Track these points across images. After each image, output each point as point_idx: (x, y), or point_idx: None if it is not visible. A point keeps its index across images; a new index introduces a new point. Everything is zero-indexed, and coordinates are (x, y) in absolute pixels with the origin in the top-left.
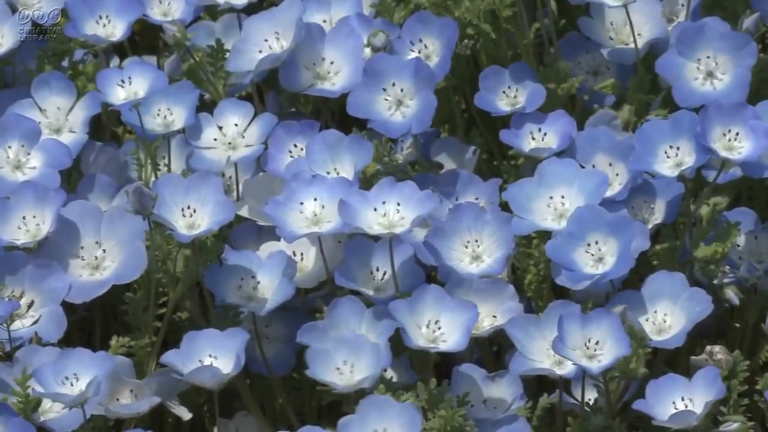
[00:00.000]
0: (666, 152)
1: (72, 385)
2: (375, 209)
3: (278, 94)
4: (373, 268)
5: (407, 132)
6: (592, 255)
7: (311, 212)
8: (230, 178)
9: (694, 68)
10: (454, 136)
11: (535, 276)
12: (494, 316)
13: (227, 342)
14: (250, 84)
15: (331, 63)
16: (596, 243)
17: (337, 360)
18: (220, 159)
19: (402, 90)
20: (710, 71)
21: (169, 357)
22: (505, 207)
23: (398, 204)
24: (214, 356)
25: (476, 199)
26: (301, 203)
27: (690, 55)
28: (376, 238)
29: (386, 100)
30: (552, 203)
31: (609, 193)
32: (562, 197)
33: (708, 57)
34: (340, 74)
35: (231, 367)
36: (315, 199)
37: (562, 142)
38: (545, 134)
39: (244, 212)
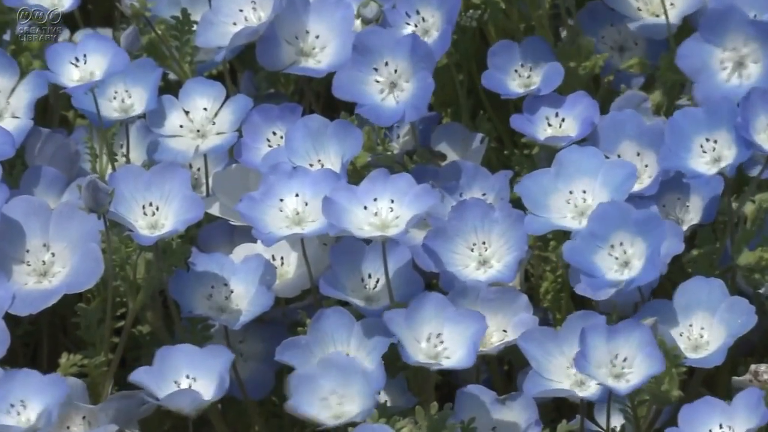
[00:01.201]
0: (702, 146)
1: (18, 413)
2: (365, 207)
3: (254, 74)
4: (364, 274)
5: (400, 119)
6: (617, 258)
7: (292, 210)
8: (198, 170)
9: (719, 57)
10: (458, 121)
11: (552, 284)
12: (505, 330)
13: (208, 361)
14: (222, 62)
15: (316, 37)
16: (621, 245)
17: (325, 387)
18: (186, 148)
19: (396, 70)
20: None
21: (139, 376)
22: (517, 203)
23: (392, 201)
24: (192, 377)
25: (483, 194)
26: (281, 200)
27: (717, 42)
28: (368, 241)
29: (378, 81)
30: (571, 199)
31: (637, 188)
32: (584, 192)
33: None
34: (326, 50)
35: (213, 391)
36: (296, 195)
37: (583, 129)
38: (563, 120)
39: (214, 210)
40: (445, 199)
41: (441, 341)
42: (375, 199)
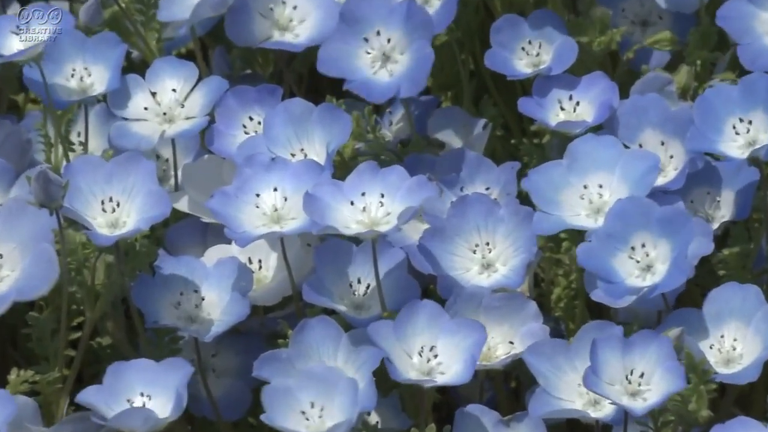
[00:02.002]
0: (735, 127)
1: None
2: (352, 203)
3: (227, 51)
4: (352, 279)
5: (395, 95)
6: (638, 262)
7: (270, 206)
8: (166, 161)
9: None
10: (458, 106)
11: (564, 290)
12: (511, 342)
13: (164, 376)
14: (192, 38)
15: (294, 8)
16: (643, 246)
17: (303, 401)
18: (151, 133)
19: (389, 41)
20: None
21: (88, 395)
22: (525, 199)
23: (382, 195)
24: (147, 395)
25: (487, 188)
26: (257, 195)
27: (761, 3)
28: (357, 241)
29: (368, 53)
30: (586, 194)
31: (661, 181)
32: (600, 186)
33: None
34: (306, 22)
35: (170, 408)
36: (275, 190)
37: (600, 114)
38: (578, 103)
39: (183, 206)
40: (443, 194)
41: (435, 355)
42: (363, 194)
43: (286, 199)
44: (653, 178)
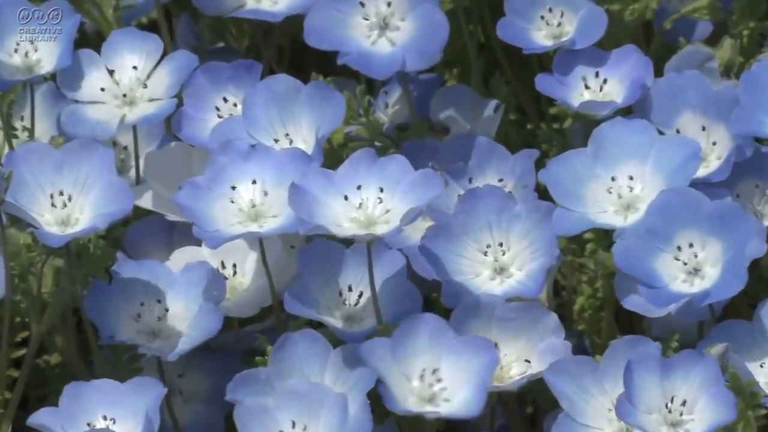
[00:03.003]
0: None
1: None
2: (346, 198)
3: (195, 21)
4: (342, 287)
5: (401, 68)
6: (685, 264)
7: (247, 202)
8: (126, 149)
9: None
10: (465, 84)
11: (589, 299)
12: (528, 360)
13: (131, 398)
14: (155, 6)
15: None
16: (690, 246)
17: (282, 421)
18: (109, 118)
19: (389, 3)
20: None
21: (41, 418)
22: (545, 193)
23: (381, 190)
24: (110, 418)
25: (500, 180)
26: (233, 188)
27: None
28: (349, 242)
29: (365, 20)
30: (615, 187)
31: (702, 172)
32: (630, 178)
33: None
34: None
35: None
36: (253, 182)
37: (631, 94)
38: (605, 81)
39: (145, 202)
40: (449, 187)
41: (438, 379)
42: (359, 188)
43: (266, 194)
44: (693, 169)
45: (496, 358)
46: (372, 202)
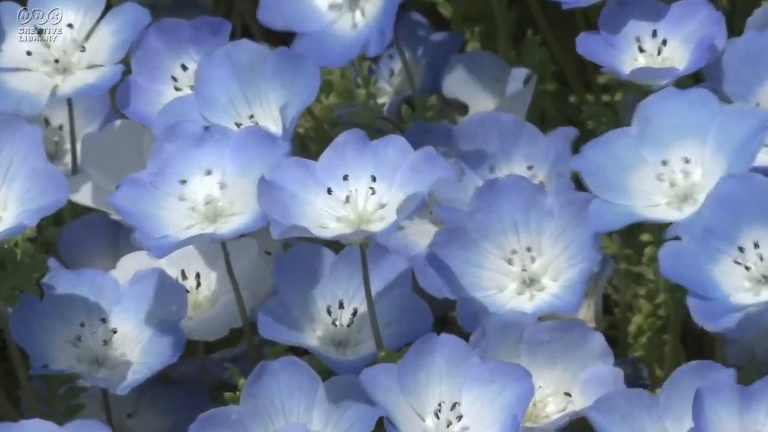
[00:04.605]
0: None
1: None
2: (330, 190)
3: None
4: (330, 302)
5: (360, 52)
6: (747, 269)
7: (202, 197)
8: (60, 129)
9: None
10: (489, 48)
11: (648, 318)
12: (568, 394)
13: None
14: None
15: None
16: (756, 247)
17: None
18: (38, 90)
19: None
20: None
21: None
22: (581, 182)
23: (373, 178)
24: None
25: (530, 168)
26: (183, 181)
27: None
28: (338, 246)
29: None
30: (667, 173)
31: None
32: (686, 161)
33: None
34: None
35: None
36: (209, 173)
37: (697, 58)
38: (664, 42)
39: (84, 196)
40: (465, 177)
41: (458, 416)
42: (345, 177)
43: (224, 186)
44: (757, 145)
45: (532, 389)
46: (363, 194)
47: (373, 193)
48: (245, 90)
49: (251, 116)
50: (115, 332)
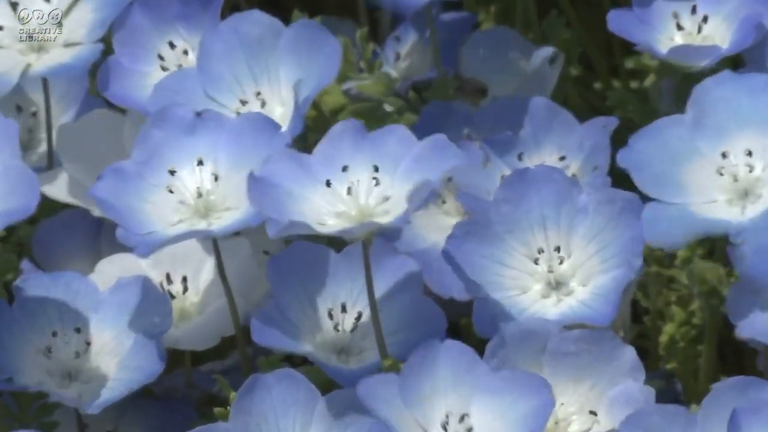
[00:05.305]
0: None
1: None
2: (328, 183)
3: None
4: (333, 306)
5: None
6: None
7: (193, 190)
8: (34, 115)
9: None
10: (509, 25)
11: (682, 327)
12: (593, 413)
13: None
14: None
15: None
16: None
17: None
18: (9, 68)
19: None
20: None
21: None
22: (623, 179)
23: (376, 168)
24: None
25: (562, 159)
26: (172, 172)
27: None
28: (339, 244)
29: None
30: (726, 167)
31: None
32: (748, 154)
33: None
34: None
35: None
36: (200, 163)
37: (742, 37)
38: (705, 18)
39: (60, 191)
40: (490, 165)
41: (468, 428)
42: (344, 169)
43: (217, 178)
44: None
45: (551, 402)
46: (365, 185)
47: (377, 183)
48: (253, 66)
49: (258, 93)
50: (89, 344)
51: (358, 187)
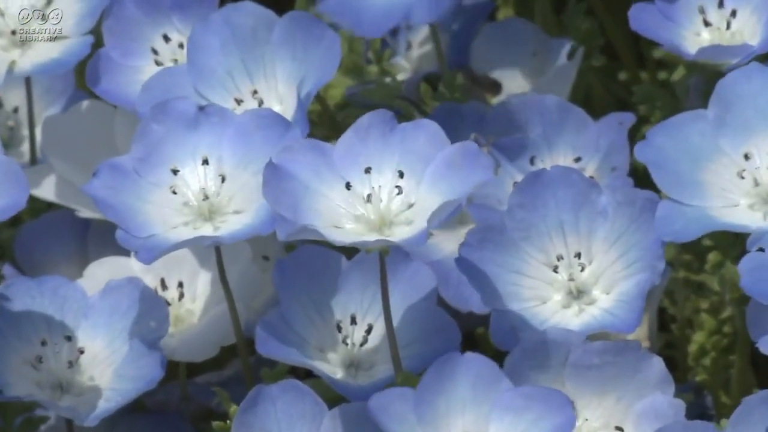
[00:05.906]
0: None
1: None
2: (348, 185)
3: None
4: (342, 317)
5: (403, 20)
6: None
7: (197, 191)
8: (15, 110)
9: None
10: (526, 17)
11: (712, 337)
12: (619, 428)
13: None
14: None
15: None
16: None
17: None
18: None
19: None
20: None
21: None
22: (643, 179)
23: (400, 174)
24: None
25: (577, 160)
26: (175, 171)
27: None
28: (350, 251)
29: None
30: (748, 169)
31: None
32: None
33: None
34: None
35: None
36: (205, 162)
37: None
38: (733, 14)
39: (46, 190)
40: (501, 170)
41: None
42: (368, 170)
43: (223, 179)
44: None
45: (572, 420)
46: (387, 191)
47: (400, 191)
48: (247, 61)
49: (254, 91)
50: (82, 352)
51: (379, 193)
